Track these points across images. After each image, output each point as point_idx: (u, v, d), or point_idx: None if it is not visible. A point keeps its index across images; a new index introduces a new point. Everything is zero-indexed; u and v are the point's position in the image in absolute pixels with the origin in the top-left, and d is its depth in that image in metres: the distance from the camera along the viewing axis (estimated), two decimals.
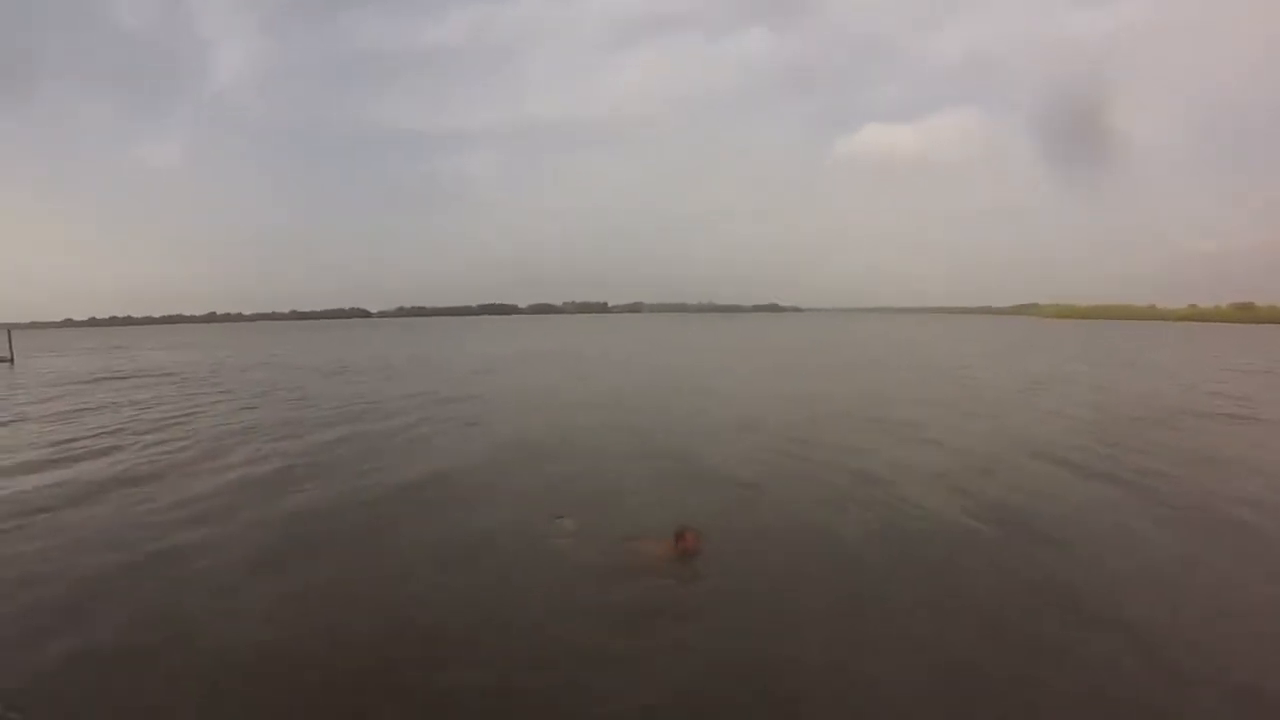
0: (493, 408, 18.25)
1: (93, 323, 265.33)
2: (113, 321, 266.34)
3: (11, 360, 39.78)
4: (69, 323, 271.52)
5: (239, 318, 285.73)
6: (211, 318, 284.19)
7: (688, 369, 31.44)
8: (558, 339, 64.17)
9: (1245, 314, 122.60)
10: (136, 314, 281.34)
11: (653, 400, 20.14)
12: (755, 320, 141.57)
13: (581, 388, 23.41)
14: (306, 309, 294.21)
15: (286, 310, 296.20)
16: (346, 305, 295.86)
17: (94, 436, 14.64)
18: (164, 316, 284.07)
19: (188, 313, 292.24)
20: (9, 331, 44.94)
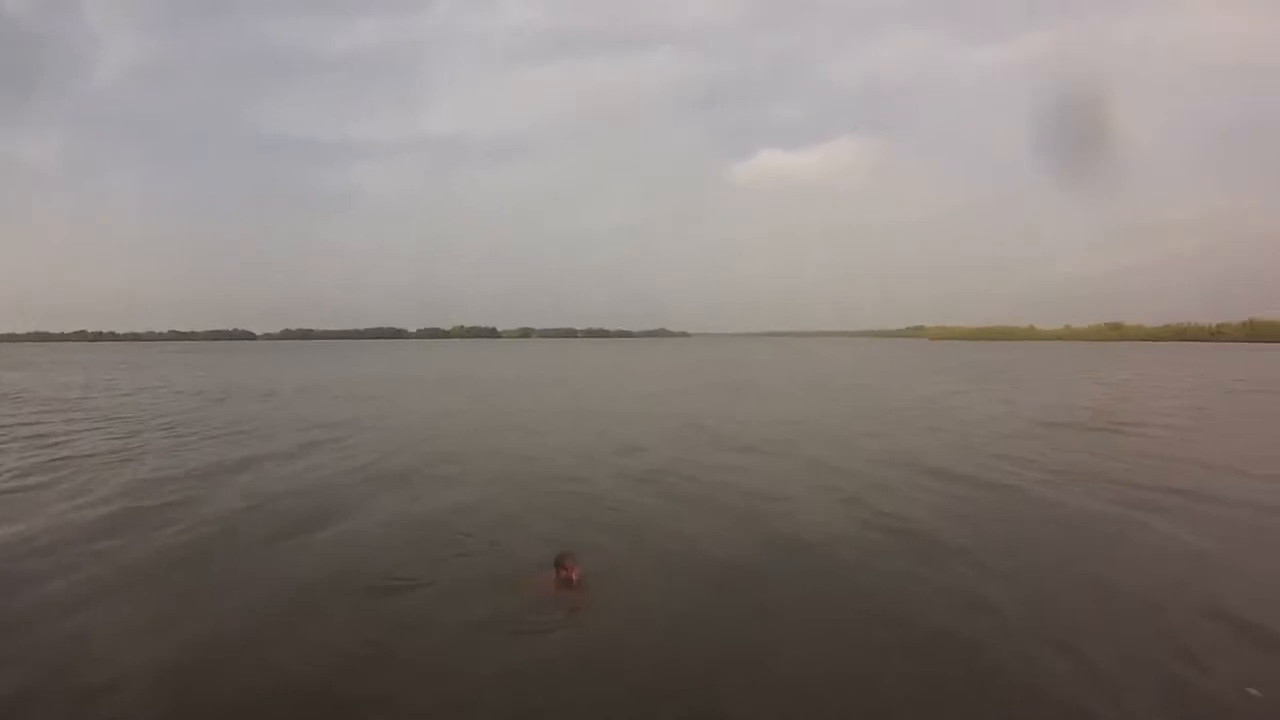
0: (377, 437, 17.34)
1: None
2: None
3: None
4: None
5: (111, 336, 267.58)
6: (81, 336, 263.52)
7: (577, 393, 31.60)
8: (448, 365, 62.06)
9: (1115, 332, 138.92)
10: None
11: (542, 424, 19.94)
12: (643, 345, 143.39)
13: (475, 414, 22.86)
14: (187, 329, 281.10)
15: (165, 330, 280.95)
16: (230, 326, 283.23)
17: None
18: (29, 334, 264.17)
19: (54, 329, 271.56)
20: None
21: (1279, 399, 26.63)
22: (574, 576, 6.61)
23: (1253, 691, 4.83)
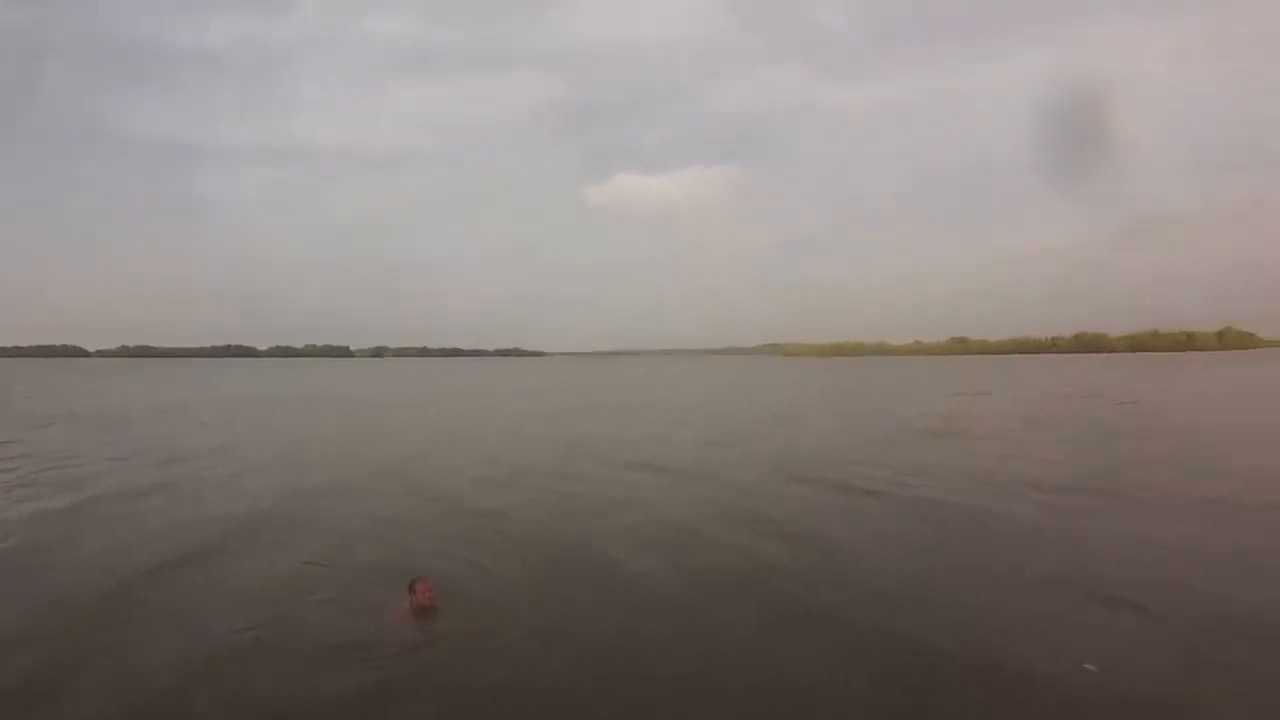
0: (233, 460, 16.17)
1: None
2: None
3: None
4: None
5: None
6: None
7: (435, 413, 30.77)
8: (317, 386, 57.51)
9: (960, 346, 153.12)
10: None
11: (393, 444, 19.21)
12: (497, 366, 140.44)
13: (332, 435, 21.63)
14: (9, 343, 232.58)
15: None
16: (57, 341, 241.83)
17: None
18: None
19: None
20: None
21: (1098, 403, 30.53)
22: (427, 600, 6.30)
23: (1089, 667, 5.07)
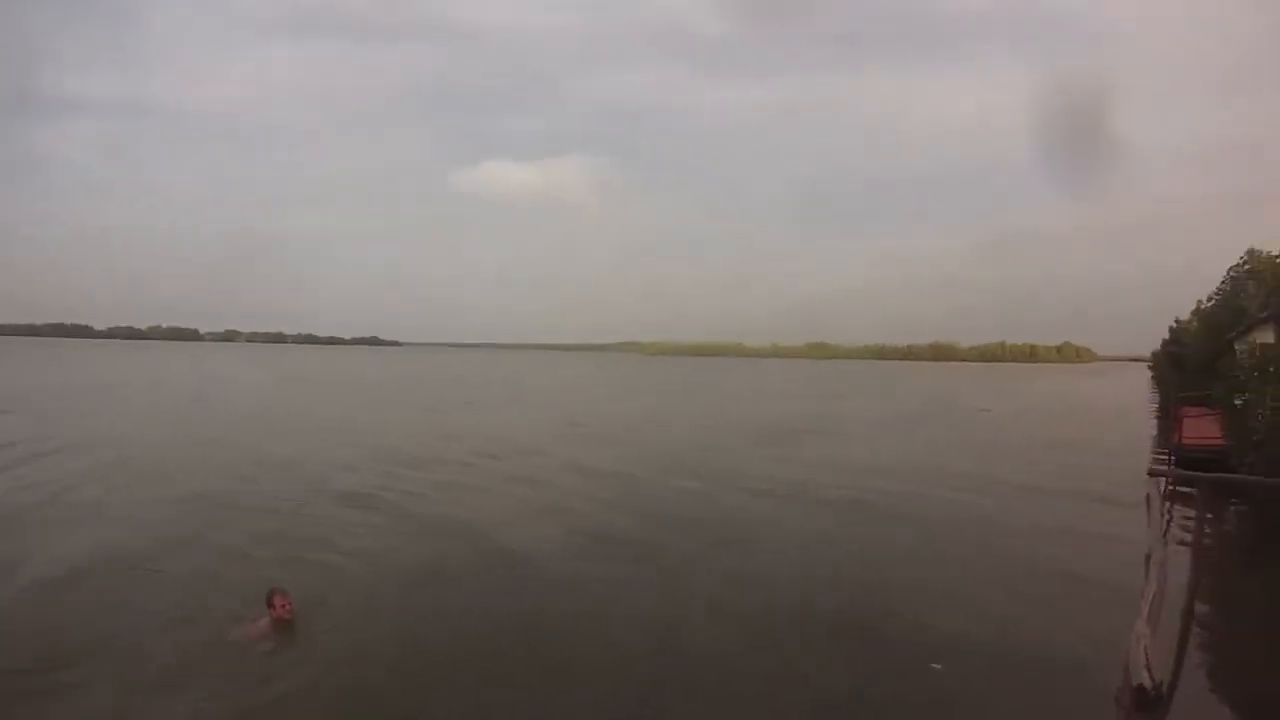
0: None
1: None
2: None
3: None
4: None
5: None
6: None
7: (288, 409, 28.96)
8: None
9: (818, 351, 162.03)
10: None
11: (245, 443, 17.99)
12: (354, 355, 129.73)
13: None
14: None
15: None
16: None
17: None
18: None
19: None
20: None
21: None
22: (286, 613, 6.07)
23: (935, 666, 5.55)
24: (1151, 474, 10.84)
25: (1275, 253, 24.37)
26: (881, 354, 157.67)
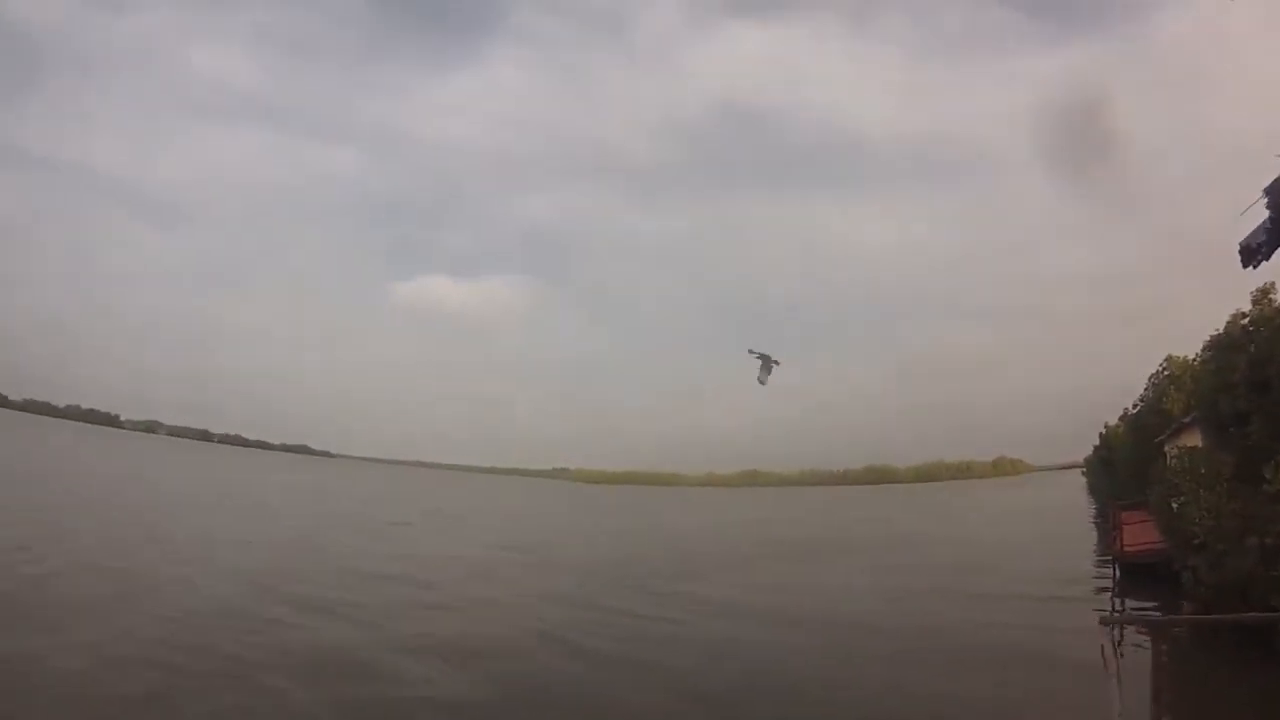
0: None
1: None
2: None
3: None
4: None
5: None
6: None
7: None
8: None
9: (754, 478, 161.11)
10: None
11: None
12: (288, 464, 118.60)
13: None
14: None
15: None
16: None
17: None
18: None
19: None
20: None
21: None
22: None
23: None
24: (1104, 622, 10.01)
25: (1191, 357, 25.27)
26: (817, 479, 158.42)
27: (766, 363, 9.92)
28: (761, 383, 9.91)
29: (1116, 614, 11.56)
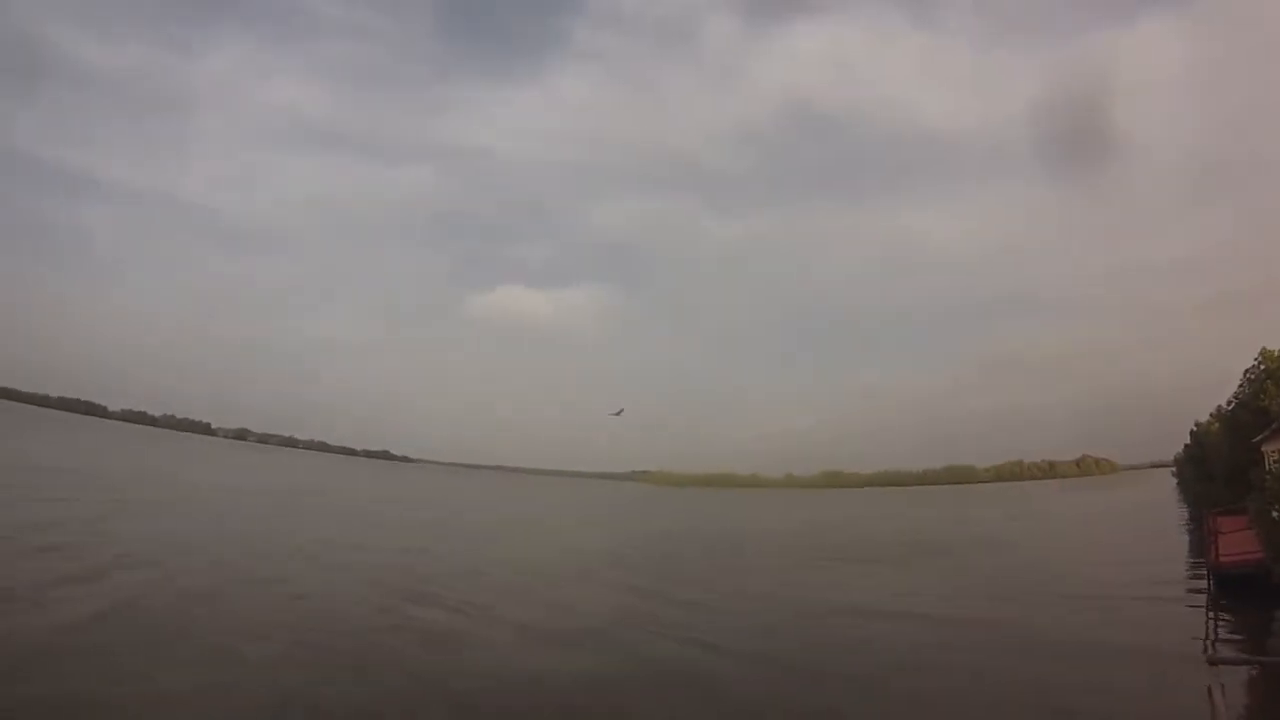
0: None
1: None
2: None
3: None
4: None
5: None
6: None
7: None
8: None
9: (832, 480, 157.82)
10: None
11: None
12: (379, 471, 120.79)
13: None
14: None
15: None
16: None
17: None
18: None
19: None
20: None
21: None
22: None
23: None
24: (1211, 662, 9.54)
25: None
26: (896, 480, 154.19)
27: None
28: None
29: (1224, 655, 10.85)
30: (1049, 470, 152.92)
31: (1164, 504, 42.66)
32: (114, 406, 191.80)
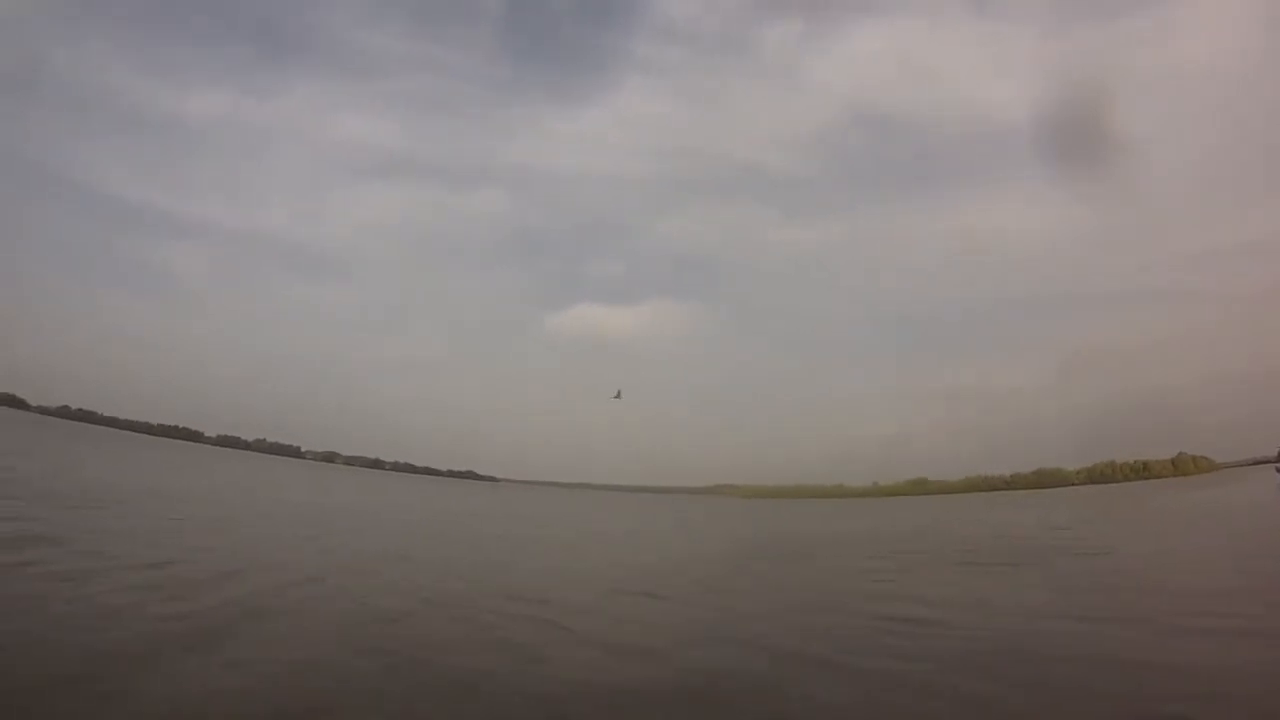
0: None
1: None
2: None
3: None
4: None
5: None
6: None
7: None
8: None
9: (918, 487, 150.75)
10: None
11: None
12: (465, 489, 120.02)
13: None
14: None
15: None
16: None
17: None
18: None
19: None
20: None
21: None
22: None
23: None
24: None
25: None
26: (984, 485, 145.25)
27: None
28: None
29: None
30: (1143, 470, 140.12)
31: (1270, 504, 37.32)
32: (209, 432, 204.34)
